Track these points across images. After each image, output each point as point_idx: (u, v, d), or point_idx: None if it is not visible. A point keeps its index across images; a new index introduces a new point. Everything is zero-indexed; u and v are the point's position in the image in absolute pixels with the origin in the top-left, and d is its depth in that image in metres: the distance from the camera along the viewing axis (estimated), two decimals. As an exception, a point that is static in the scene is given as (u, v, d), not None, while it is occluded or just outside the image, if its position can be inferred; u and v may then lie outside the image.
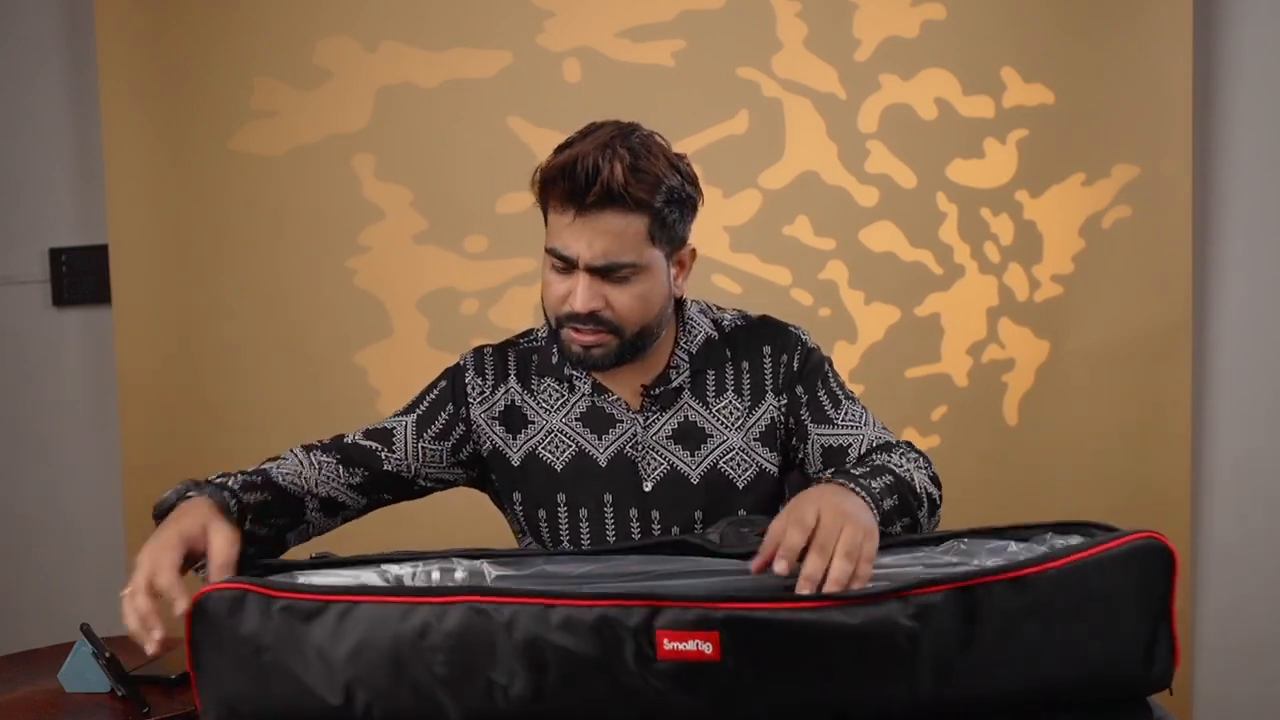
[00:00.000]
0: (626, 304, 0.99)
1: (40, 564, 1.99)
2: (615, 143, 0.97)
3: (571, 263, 0.98)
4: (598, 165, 0.94)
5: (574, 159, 0.95)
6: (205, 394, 1.88)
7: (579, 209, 0.96)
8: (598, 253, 0.97)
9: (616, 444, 1.06)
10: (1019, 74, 1.82)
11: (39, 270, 1.98)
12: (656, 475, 1.05)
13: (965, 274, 1.87)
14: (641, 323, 1.01)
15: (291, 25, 1.82)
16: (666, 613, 0.68)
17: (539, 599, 0.69)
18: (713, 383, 1.08)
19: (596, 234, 0.96)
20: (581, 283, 0.98)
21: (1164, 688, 0.76)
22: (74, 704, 1.27)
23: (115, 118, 1.83)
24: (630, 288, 0.99)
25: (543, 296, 1.04)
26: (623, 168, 0.95)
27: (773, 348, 1.08)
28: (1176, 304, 1.85)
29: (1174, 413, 1.86)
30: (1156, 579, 0.74)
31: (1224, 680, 1.92)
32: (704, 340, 1.09)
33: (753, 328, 1.11)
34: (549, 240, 1.01)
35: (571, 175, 0.95)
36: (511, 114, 1.83)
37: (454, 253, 1.85)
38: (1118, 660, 0.74)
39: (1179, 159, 1.82)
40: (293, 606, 0.74)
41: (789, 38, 1.82)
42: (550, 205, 1.00)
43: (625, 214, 0.96)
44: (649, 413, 1.06)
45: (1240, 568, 1.92)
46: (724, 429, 1.06)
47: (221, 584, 0.76)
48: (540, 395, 1.09)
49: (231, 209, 1.86)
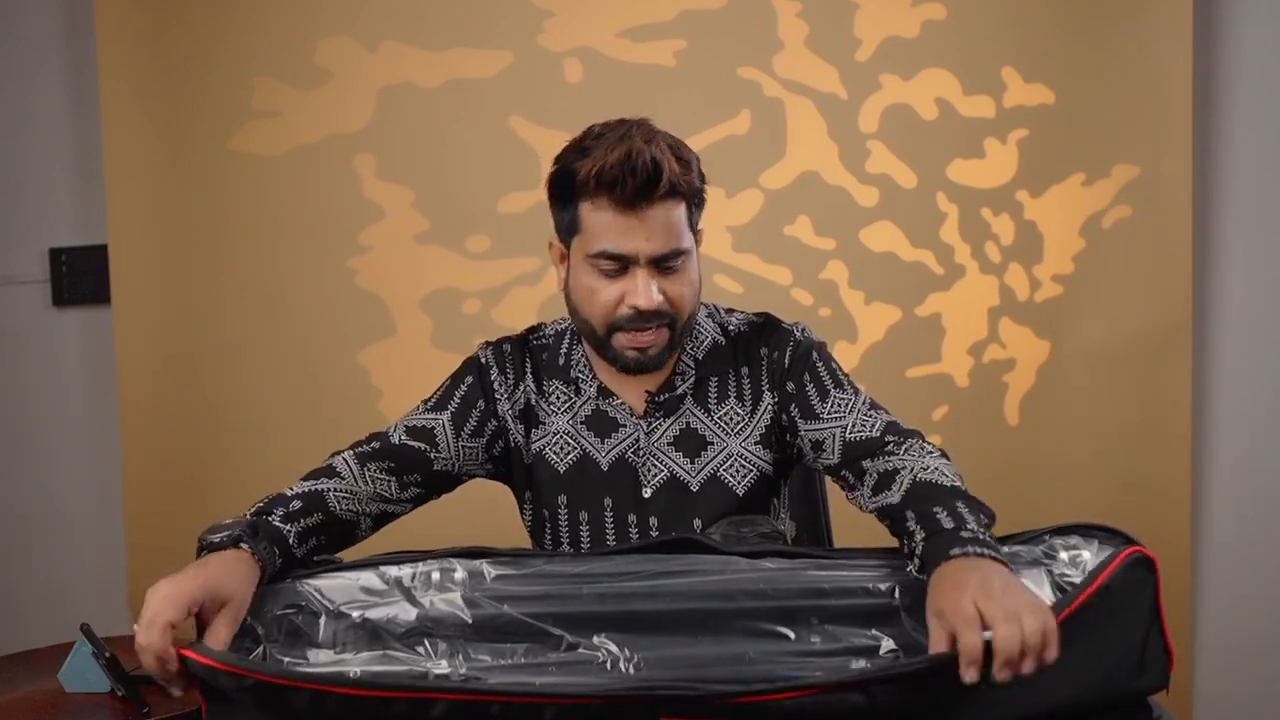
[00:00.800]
0: (680, 293, 0.99)
1: (40, 564, 1.99)
2: (655, 138, 0.96)
3: (628, 261, 0.96)
4: (657, 161, 0.93)
5: (629, 155, 0.93)
6: (205, 394, 1.87)
7: (636, 206, 0.94)
8: (658, 245, 0.96)
9: (619, 448, 1.05)
10: (1019, 74, 1.82)
11: (39, 270, 1.97)
12: (656, 481, 1.05)
13: (966, 274, 1.87)
14: (691, 310, 1.01)
15: (292, 25, 1.82)
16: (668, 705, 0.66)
17: (527, 698, 0.66)
18: (715, 389, 1.07)
19: (654, 227, 0.95)
20: (643, 278, 0.96)
21: (1162, 688, 0.76)
22: (74, 704, 1.27)
23: (115, 118, 1.82)
24: (681, 275, 0.99)
25: (580, 306, 1.01)
26: (672, 158, 0.95)
27: (768, 348, 1.07)
28: (1176, 304, 1.85)
29: (1174, 413, 1.86)
30: (1144, 591, 0.75)
31: (1224, 680, 1.92)
32: (710, 346, 1.08)
33: (754, 331, 1.10)
34: (593, 244, 0.97)
35: (634, 174, 0.93)
36: (513, 114, 1.83)
37: (456, 252, 1.85)
38: (1115, 674, 0.74)
39: (1179, 159, 1.82)
40: (261, 685, 0.72)
41: (790, 38, 1.82)
42: (585, 202, 0.96)
43: (676, 204, 0.97)
44: (653, 418, 1.06)
45: (1240, 567, 1.92)
46: (725, 436, 1.05)
47: (193, 655, 0.74)
48: (550, 396, 1.08)
49: (232, 209, 1.85)
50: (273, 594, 0.84)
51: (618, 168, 0.93)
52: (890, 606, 0.78)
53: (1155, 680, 0.75)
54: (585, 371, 1.07)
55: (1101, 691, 0.75)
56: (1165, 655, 0.75)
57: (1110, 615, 0.74)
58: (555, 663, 0.77)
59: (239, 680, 0.72)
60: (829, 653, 0.76)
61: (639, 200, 0.94)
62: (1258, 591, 1.92)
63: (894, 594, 0.79)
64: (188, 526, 2.01)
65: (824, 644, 0.77)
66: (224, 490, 1.88)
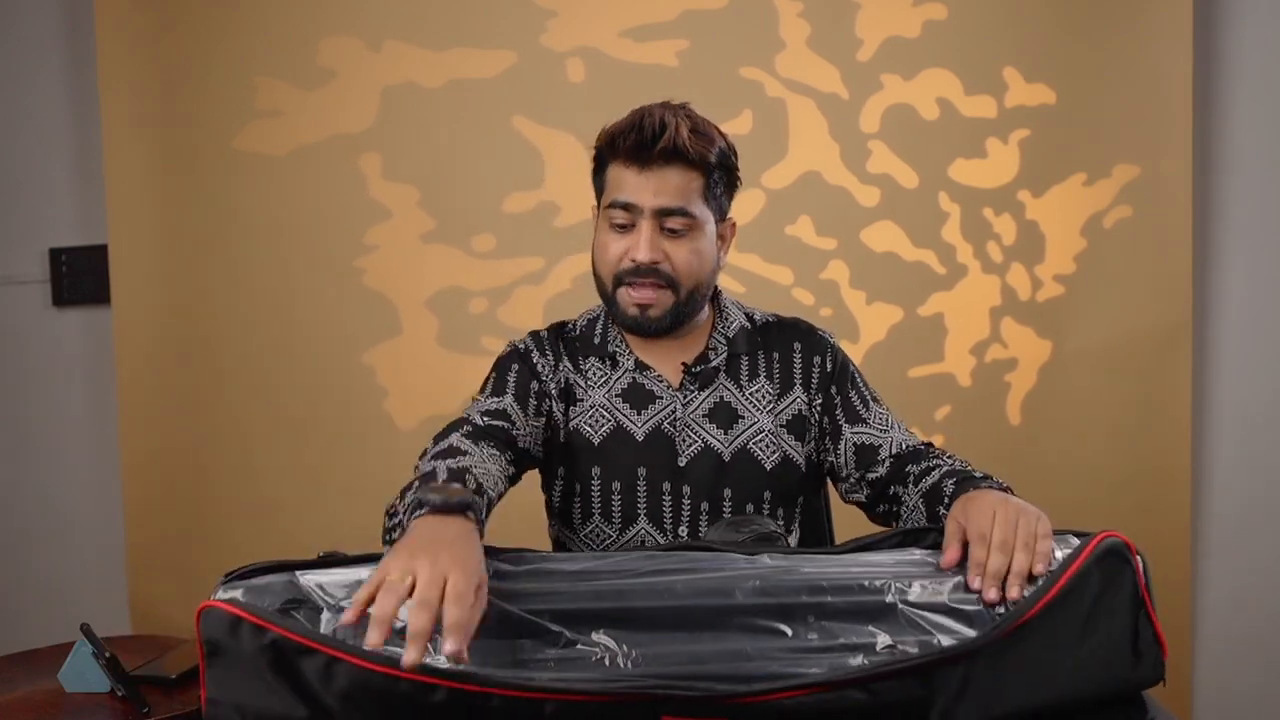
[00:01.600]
0: (683, 258, 1.05)
1: (40, 564, 1.98)
2: (675, 109, 1.06)
3: (635, 210, 1.03)
4: (664, 121, 1.02)
5: (640, 116, 1.04)
6: (205, 394, 1.87)
7: (644, 162, 1.02)
8: (663, 199, 1.03)
9: (655, 419, 1.09)
10: (1020, 74, 1.83)
11: (39, 270, 1.97)
12: (691, 451, 1.08)
13: (968, 274, 1.87)
14: (695, 281, 1.06)
15: (294, 25, 1.82)
16: (669, 704, 0.67)
17: (530, 692, 0.66)
18: (746, 367, 1.12)
19: (661, 184, 1.03)
20: (645, 231, 1.03)
21: (1157, 681, 0.76)
22: (74, 704, 1.26)
23: (115, 118, 1.82)
24: (686, 242, 1.05)
25: (596, 262, 1.09)
26: (685, 127, 1.03)
27: (803, 346, 1.14)
28: (1176, 304, 1.85)
29: (1174, 412, 1.86)
30: (1123, 576, 0.75)
31: (1223, 675, 1.92)
32: (739, 327, 1.14)
33: (784, 325, 1.16)
34: (609, 195, 1.06)
35: (639, 129, 1.02)
36: (516, 113, 1.83)
37: (462, 251, 1.85)
38: (1109, 663, 0.74)
39: (1179, 159, 1.83)
40: (280, 642, 0.73)
41: (791, 38, 1.82)
42: (612, 163, 1.06)
43: (686, 169, 1.03)
44: (688, 390, 1.10)
45: (1239, 565, 1.92)
46: (755, 411, 1.10)
47: (218, 603, 0.74)
48: (587, 373, 1.12)
49: (233, 209, 1.85)
50: (273, 588, 0.83)
51: (625, 125, 1.04)
52: (887, 604, 0.78)
53: (1150, 671, 0.76)
54: (622, 346, 1.12)
55: (1100, 682, 0.75)
56: (1157, 645, 0.75)
57: (1097, 601, 0.74)
58: (554, 659, 0.76)
59: (260, 637, 0.72)
60: (826, 649, 0.76)
61: (643, 152, 1.02)
62: (1257, 589, 1.92)
63: (890, 591, 0.79)
64: (188, 526, 2.03)
65: (821, 640, 0.77)
66: (224, 491, 1.87)
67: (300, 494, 1.86)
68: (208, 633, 0.75)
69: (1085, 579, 0.74)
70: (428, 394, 1.83)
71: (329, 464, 1.86)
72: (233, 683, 0.75)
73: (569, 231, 1.84)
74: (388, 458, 1.84)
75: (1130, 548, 0.76)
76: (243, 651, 0.74)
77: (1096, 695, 0.75)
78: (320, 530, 1.81)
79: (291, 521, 1.85)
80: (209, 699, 0.76)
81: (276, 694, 0.73)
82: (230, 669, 0.75)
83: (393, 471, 1.96)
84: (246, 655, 0.74)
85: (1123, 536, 0.76)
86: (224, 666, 0.75)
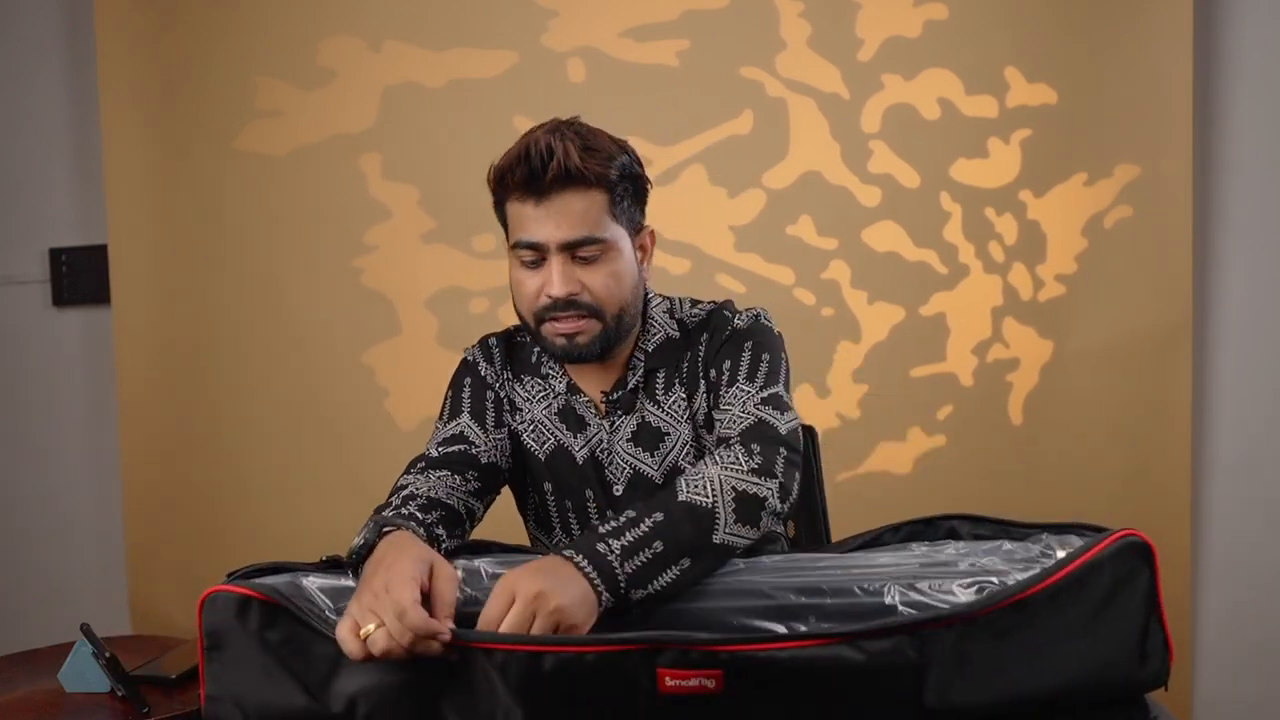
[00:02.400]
0: (600, 283, 1.00)
1: (40, 564, 1.98)
2: (562, 129, 0.99)
3: (541, 249, 0.99)
4: (550, 147, 0.96)
5: (525, 146, 0.98)
6: (205, 394, 1.87)
7: (539, 194, 0.97)
8: (566, 231, 0.97)
9: (589, 445, 1.07)
10: (1021, 74, 1.83)
11: (39, 270, 1.97)
12: (624, 479, 1.06)
13: (969, 274, 1.87)
14: (618, 303, 1.01)
15: (295, 25, 1.82)
16: (667, 654, 0.68)
17: (527, 646, 0.68)
18: (662, 380, 1.08)
19: (561, 214, 0.97)
20: (555, 267, 0.98)
21: (1160, 685, 0.76)
22: (74, 704, 1.26)
23: (115, 117, 1.82)
24: (601, 267, 1.00)
25: (515, 303, 1.04)
26: (574, 148, 0.97)
27: (709, 333, 1.08)
28: (1177, 304, 1.85)
29: (1174, 412, 1.86)
30: (1140, 576, 0.75)
31: (1224, 680, 1.92)
32: (661, 340, 1.09)
33: (703, 318, 1.10)
34: (513, 235, 1.01)
35: (527, 160, 0.97)
36: (516, 113, 1.83)
37: (462, 251, 1.85)
38: (1114, 661, 0.74)
39: (1179, 159, 1.82)
40: (292, 617, 0.74)
41: (792, 37, 1.82)
42: (509, 201, 1.01)
43: (584, 191, 0.98)
44: (613, 417, 1.07)
45: (1240, 566, 1.92)
46: (676, 424, 1.07)
47: (228, 587, 0.75)
48: (527, 386, 1.10)
49: (233, 209, 1.85)
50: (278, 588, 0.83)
51: (512, 159, 0.98)
52: (886, 605, 0.78)
53: (1155, 674, 0.75)
54: (555, 368, 1.09)
55: (1102, 679, 0.74)
56: (1165, 649, 0.75)
57: (1110, 597, 0.74)
58: None
59: (269, 617, 0.72)
60: None
61: (538, 187, 0.97)
62: (1258, 590, 1.92)
63: (889, 593, 0.79)
64: (187, 526, 2.03)
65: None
66: (224, 491, 1.87)
67: (301, 494, 1.86)
68: (211, 622, 0.75)
69: (1097, 571, 0.74)
70: (427, 394, 1.81)
71: (329, 464, 1.86)
72: (233, 675, 0.75)
73: (569, 231, 1.84)
74: (388, 458, 1.82)
75: (1152, 550, 0.75)
76: (247, 637, 0.74)
77: (1098, 691, 0.75)
78: (320, 530, 1.81)
79: (292, 521, 1.85)
80: (208, 695, 0.76)
81: (278, 681, 0.74)
82: (231, 661, 0.75)
83: (393, 472, 1.96)
84: (251, 640, 0.74)
85: (1145, 537, 0.75)
86: (224, 659, 0.75)
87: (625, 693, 0.68)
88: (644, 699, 0.68)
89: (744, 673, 0.68)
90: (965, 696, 0.71)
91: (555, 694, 0.69)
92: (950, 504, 1.02)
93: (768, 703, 0.69)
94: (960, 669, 0.71)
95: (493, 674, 0.70)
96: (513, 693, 0.69)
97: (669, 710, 0.68)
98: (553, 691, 0.69)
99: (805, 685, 0.69)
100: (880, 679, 0.69)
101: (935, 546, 0.85)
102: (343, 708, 0.73)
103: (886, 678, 0.69)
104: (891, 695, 0.70)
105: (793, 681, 0.69)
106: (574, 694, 0.69)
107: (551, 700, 0.69)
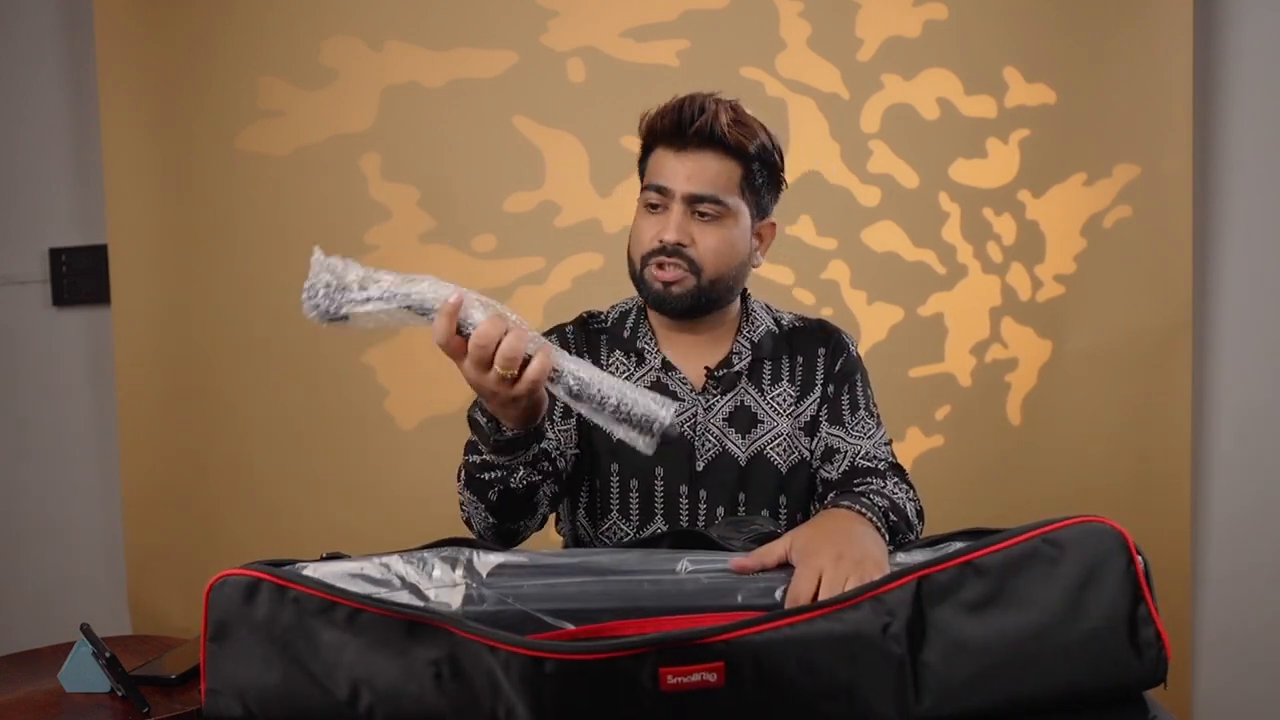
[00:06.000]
0: (710, 244, 1.04)
1: (40, 564, 1.98)
2: (720, 98, 1.06)
3: (667, 194, 1.04)
4: (704, 106, 1.04)
5: (682, 100, 1.05)
6: (205, 394, 1.87)
7: (680, 145, 1.04)
8: (695, 184, 1.03)
9: (676, 421, 1.07)
10: (1021, 74, 1.83)
11: (39, 270, 1.97)
12: (709, 455, 1.08)
13: (968, 274, 1.87)
14: (718, 270, 1.05)
15: (297, 25, 1.82)
16: (666, 653, 0.68)
17: (528, 650, 0.68)
18: (769, 372, 1.12)
19: (695, 169, 1.03)
20: (675, 214, 1.04)
21: (1159, 682, 0.76)
22: (74, 704, 1.26)
23: (115, 117, 1.82)
24: (716, 229, 1.05)
25: (630, 244, 1.09)
26: (726, 115, 1.04)
27: (826, 349, 1.14)
28: (1176, 304, 1.85)
29: (1174, 412, 1.87)
30: (1113, 560, 0.74)
31: (1224, 679, 1.92)
32: (765, 332, 1.13)
33: (810, 328, 1.16)
34: (647, 178, 1.08)
35: (679, 110, 1.04)
36: (516, 113, 1.83)
37: (462, 252, 1.85)
38: (1103, 652, 0.73)
39: (1179, 159, 1.83)
40: (303, 599, 0.74)
41: (792, 37, 1.82)
42: (655, 148, 1.07)
43: (722, 157, 1.04)
44: (710, 394, 1.10)
45: (1240, 566, 1.92)
46: (775, 415, 1.10)
47: (237, 570, 0.75)
48: (610, 367, 1.11)
49: (233, 209, 1.85)
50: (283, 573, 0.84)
51: (667, 108, 1.06)
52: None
53: (1152, 671, 0.75)
54: (650, 343, 1.12)
55: (1096, 673, 0.74)
56: (1160, 643, 0.75)
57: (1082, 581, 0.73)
58: None
59: (279, 598, 0.73)
60: None
61: (680, 135, 1.03)
62: (1258, 590, 1.92)
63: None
64: (187, 526, 2.03)
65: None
66: (224, 491, 1.87)
67: (301, 493, 1.86)
68: (217, 608, 0.75)
69: (1059, 549, 0.73)
70: (428, 394, 1.82)
71: (330, 464, 1.86)
72: (234, 666, 0.75)
73: (569, 232, 1.84)
74: (388, 457, 1.84)
75: (1125, 536, 0.75)
76: (252, 624, 0.74)
77: (1093, 688, 0.74)
78: (321, 529, 1.81)
79: (292, 521, 1.85)
80: (209, 690, 0.76)
81: (281, 669, 0.73)
82: (233, 651, 0.75)
83: (393, 471, 1.97)
84: (256, 627, 0.74)
85: (1114, 524, 0.75)
86: (226, 650, 0.75)
87: (628, 693, 0.68)
88: (647, 699, 0.68)
89: (743, 664, 0.68)
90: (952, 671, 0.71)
91: (558, 694, 0.69)
92: (948, 504, 1.03)
93: (767, 690, 0.69)
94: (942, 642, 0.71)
95: (496, 670, 0.70)
96: (515, 689, 0.69)
97: (673, 707, 0.68)
98: (555, 692, 0.69)
99: (801, 667, 0.69)
100: (864, 653, 0.70)
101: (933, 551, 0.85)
102: (346, 696, 0.73)
103: (869, 651, 0.70)
104: (877, 670, 0.70)
105: (789, 666, 0.69)
106: (577, 695, 0.69)
107: (554, 700, 0.69)
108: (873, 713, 0.70)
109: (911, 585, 0.72)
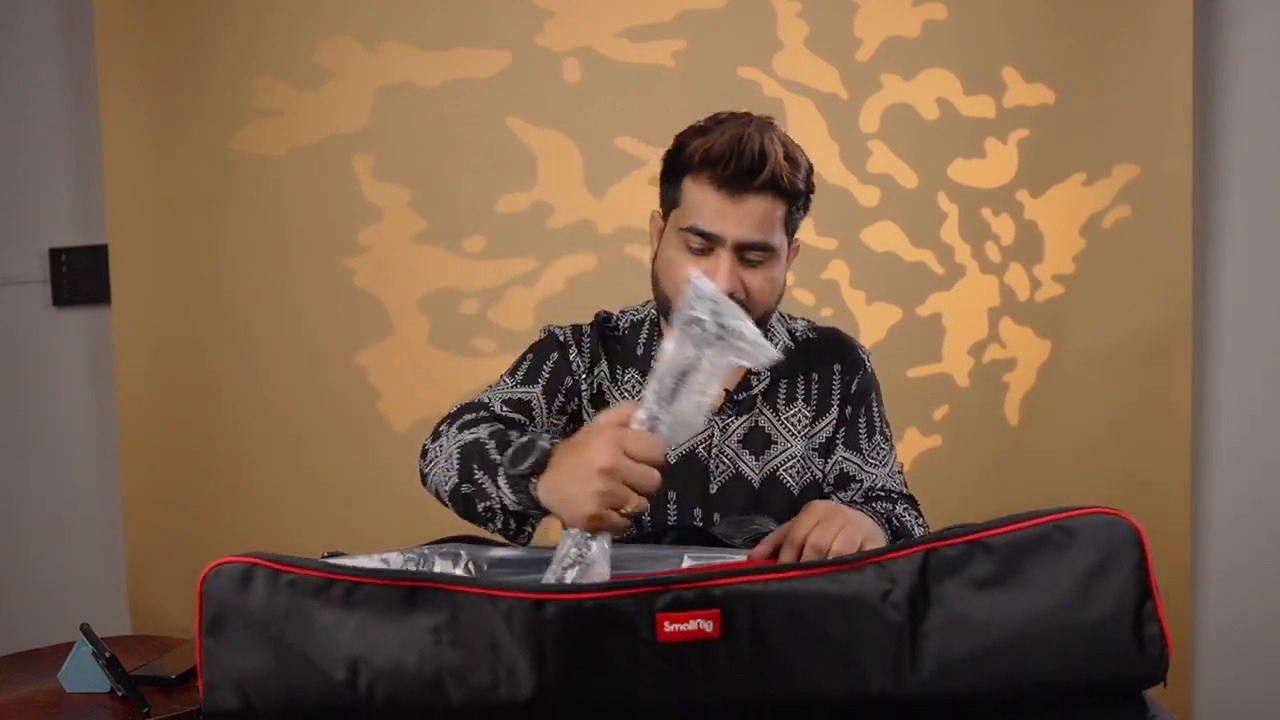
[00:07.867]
0: (759, 287, 1.00)
1: (40, 564, 1.99)
2: (768, 130, 0.99)
3: (715, 240, 0.98)
4: (765, 149, 0.96)
5: (738, 140, 0.96)
6: (205, 394, 1.87)
7: (736, 190, 0.97)
8: (747, 231, 0.97)
9: (690, 444, 1.07)
10: (1020, 74, 1.82)
11: (39, 270, 1.97)
12: (723, 478, 1.07)
13: (966, 274, 1.87)
14: (765, 309, 1.03)
15: (293, 25, 1.82)
16: (664, 596, 0.69)
17: (530, 594, 0.69)
18: (784, 391, 1.10)
19: (747, 214, 0.97)
20: (725, 262, 0.98)
21: (1159, 680, 0.76)
22: (74, 704, 1.26)
23: (115, 117, 1.82)
24: (763, 271, 1.00)
25: (661, 278, 1.04)
26: (781, 154, 0.97)
27: (842, 366, 1.11)
28: (1176, 304, 1.85)
29: (1174, 412, 1.86)
30: (1126, 554, 0.73)
31: (1224, 679, 1.92)
32: (781, 348, 1.10)
33: (824, 341, 1.13)
34: (687, 218, 0.99)
35: (739, 156, 0.96)
36: (511, 114, 1.83)
37: (454, 253, 1.85)
38: (1108, 642, 0.73)
39: (1179, 159, 1.82)
40: (299, 582, 0.73)
41: (790, 37, 1.82)
42: (694, 180, 0.99)
43: (774, 198, 0.98)
44: (726, 415, 1.08)
45: (1239, 565, 1.92)
46: (789, 436, 1.08)
47: (231, 558, 0.75)
48: (624, 384, 1.09)
49: (231, 209, 1.85)
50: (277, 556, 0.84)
51: (726, 147, 0.96)
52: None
53: (1152, 668, 0.74)
54: None
55: (1098, 663, 0.73)
56: (1163, 641, 0.74)
57: (1093, 571, 0.72)
58: None
59: (274, 583, 0.73)
60: None
61: (739, 183, 0.96)
62: (1258, 590, 1.92)
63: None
64: (187, 526, 2.03)
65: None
66: (223, 490, 1.88)
67: (299, 493, 1.86)
68: (212, 598, 0.74)
69: (1070, 535, 0.73)
70: (420, 395, 1.83)
71: (326, 464, 1.87)
72: (232, 657, 0.74)
73: (562, 232, 1.84)
74: (383, 458, 1.84)
75: (1139, 531, 0.75)
76: (248, 612, 0.73)
77: (1093, 678, 0.74)
78: (321, 529, 1.82)
79: (291, 520, 1.85)
80: (207, 684, 0.76)
81: (279, 655, 0.73)
82: (229, 641, 0.74)
83: (388, 471, 1.96)
84: (252, 614, 0.73)
85: (1130, 518, 0.74)
86: (223, 641, 0.74)
87: (627, 645, 0.69)
88: (645, 650, 0.68)
89: (739, 612, 0.69)
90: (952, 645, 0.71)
91: (558, 644, 0.69)
92: (946, 505, 1.03)
93: (763, 645, 0.70)
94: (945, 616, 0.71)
95: (498, 625, 0.70)
96: (517, 641, 0.69)
97: (671, 661, 0.69)
98: (556, 639, 0.69)
99: (795, 621, 0.70)
100: (862, 616, 0.70)
101: None
102: (345, 677, 0.72)
103: (868, 616, 0.70)
104: (875, 634, 0.70)
105: (784, 619, 0.69)
106: (577, 646, 0.69)
107: (555, 651, 0.69)
108: (868, 678, 0.70)
109: (918, 557, 0.71)
